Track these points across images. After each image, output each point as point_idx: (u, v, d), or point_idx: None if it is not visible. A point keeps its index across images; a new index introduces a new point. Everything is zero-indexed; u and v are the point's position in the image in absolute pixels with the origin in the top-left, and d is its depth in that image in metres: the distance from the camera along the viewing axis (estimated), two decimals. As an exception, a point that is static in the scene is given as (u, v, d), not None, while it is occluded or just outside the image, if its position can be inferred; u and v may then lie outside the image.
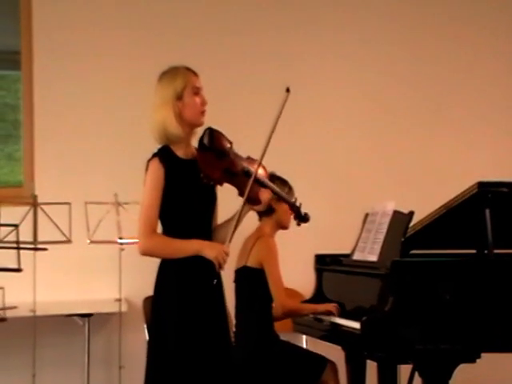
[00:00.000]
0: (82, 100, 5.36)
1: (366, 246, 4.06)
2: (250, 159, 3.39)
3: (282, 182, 4.27)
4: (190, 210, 3.30)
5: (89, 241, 4.76)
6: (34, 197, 4.72)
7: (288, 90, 3.30)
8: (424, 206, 3.91)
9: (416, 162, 5.69)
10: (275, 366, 4.13)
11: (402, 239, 3.78)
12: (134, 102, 5.39)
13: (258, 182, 3.37)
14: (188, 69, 3.37)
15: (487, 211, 3.68)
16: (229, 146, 3.36)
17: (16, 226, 4.31)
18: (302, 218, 3.73)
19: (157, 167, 3.28)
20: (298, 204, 3.65)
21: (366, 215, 4.26)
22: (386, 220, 3.97)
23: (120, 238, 4.81)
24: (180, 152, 3.34)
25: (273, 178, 3.87)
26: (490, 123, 5.86)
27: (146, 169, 3.34)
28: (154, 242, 3.29)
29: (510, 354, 3.56)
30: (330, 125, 5.63)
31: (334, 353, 4.25)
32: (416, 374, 3.90)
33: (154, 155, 3.33)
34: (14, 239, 4.27)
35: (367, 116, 5.69)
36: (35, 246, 4.60)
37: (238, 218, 3.33)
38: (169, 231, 3.33)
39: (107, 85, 5.40)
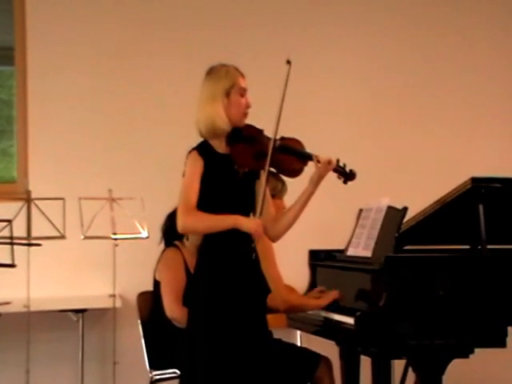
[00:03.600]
0: (76, 95, 5.36)
1: (360, 242, 4.07)
2: (282, 138, 3.47)
3: (275, 177, 4.25)
4: (226, 203, 3.39)
5: (83, 236, 4.75)
6: (28, 192, 4.71)
7: (289, 62, 3.40)
8: (418, 201, 3.92)
9: (410, 157, 5.70)
10: (269, 363, 4.11)
11: (396, 235, 3.78)
12: (129, 98, 5.41)
13: (287, 151, 3.45)
14: (236, 69, 3.46)
15: (480, 207, 3.69)
16: (257, 131, 3.46)
17: (10, 221, 4.31)
18: (349, 176, 3.62)
19: (196, 158, 3.38)
20: (341, 164, 3.61)
21: (360, 211, 4.26)
22: (380, 216, 3.97)
23: (114, 234, 4.81)
24: (218, 147, 3.43)
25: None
26: (485, 118, 5.88)
27: (185, 162, 3.42)
28: (191, 217, 3.35)
29: (503, 349, 3.56)
30: (325, 120, 5.64)
31: (328, 348, 4.24)
32: (410, 369, 3.91)
33: (193, 149, 3.42)
34: (8, 235, 4.28)
35: (362, 112, 5.70)
36: (29, 241, 4.60)
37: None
38: None
39: (101, 81, 5.39)
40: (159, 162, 5.29)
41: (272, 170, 3.49)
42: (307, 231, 5.16)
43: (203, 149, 3.41)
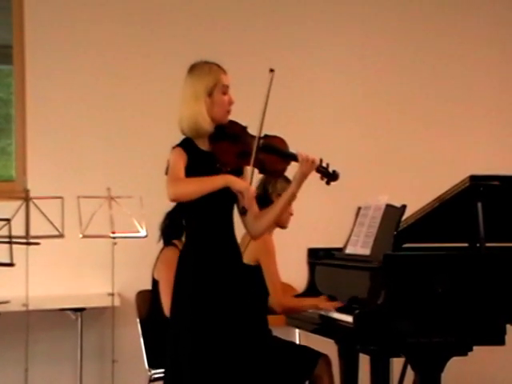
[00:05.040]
0: (74, 94, 5.36)
1: (358, 240, 4.07)
2: (265, 136, 3.44)
3: (285, 179, 4.25)
4: (208, 200, 3.33)
5: (81, 235, 4.74)
6: (27, 191, 4.71)
7: (272, 70, 3.37)
8: (416, 199, 3.92)
9: (409, 155, 5.70)
10: (268, 361, 4.11)
11: (395, 233, 3.79)
12: (127, 97, 5.40)
13: (270, 151, 3.41)
14: (219, 66, 3.43)
15: (479, 204, 3.69)
16: (240, 128, 3.43)
17: (8, 220, 4.31)
18: (332, 176, 3.55)
19: (180, 152, 3.36)
20: (324, 164, 3.54)
21: (359, 209, 4.26)
22: (379, 214, 3.97)
23: (113, 233, 4.80)
24: (201, 145, 3.42)
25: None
26: (483, 117, 5.87)
27: (168, 159, 3.40)
28: (180, 183, 3.31)
29: (501, 347, 3.57)
30: (324, 118, 5.64)
31: (326, 346, 4.25)
32: (408, 368, 3.91)
33: (177, 145, 3.40)
34: (7, 234, 4.28)
35: (361, 109, 5.70)
36: (28, 240, 4.60)
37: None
38: (191, 221, 3.42)
39: (100, 79, 5.39)
40: (158, 160, 5.23)
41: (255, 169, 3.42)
42: (306, 229, 5.17)
43: (186, 145, 3.39)
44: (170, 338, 3.39)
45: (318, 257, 4.41)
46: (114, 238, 4.81)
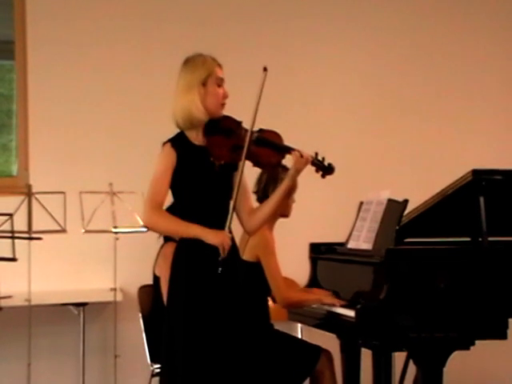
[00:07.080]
0: (76, 89, 5.36)
1: (360, 235, 4.07)
2: (260, 130, 3.44)
3: (284, 170, 4.23)
4: (202, 195, 3.35)
5: (83, 230, 4.75)
6: (29, 186, 4.72)
7: (265, 69, 3.34)
8: (419, 194, 3.92)
9: (410, 150, 5.70)
10: (270, 356, 4.11)
11: (397, 227, 3.79)
12: (129, 92, 5.40)
13: (264, 144, 3.41)
14: (213, 59, 3.42)
15: (481, 199, 3.68)
16: (234, 122, 3.42)
17: (10, 215, 4.32)
18: (327, 170, 3.54)
19: (169, 150, 3.36)
20: (320, 158, 3.53)
21: (361, 204, 4.26)
22: (381, 208, 3.97)
23: (115, 228, 4.81)
24: (195, 139, 3.40)
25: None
26: (485, 111, 5.87)
27: (159, 154, 3.40)
28: (157, 217, 3.32)
29: (504, 341, 3.57)
30: (325, 114, 5.64)
31: (328, 341, 4.25)
32: (410, 362, 3.92)
33: (168, 140, 3.39)
34: (9, 229, 4.29)
35: (362, 105, 5.69)
36: (30, 235, 4.61)
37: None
38: (184, 216, 3.36)
39: (102, 74, 5.39)
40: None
41: (249, 162, 3.41)
42: (308, 224, 5.18)
43: (178, 141, 3.38)
44: (165, 333, 3.40)
45: (320, 252, 4.41)
46: (116, 233, 4.82)
